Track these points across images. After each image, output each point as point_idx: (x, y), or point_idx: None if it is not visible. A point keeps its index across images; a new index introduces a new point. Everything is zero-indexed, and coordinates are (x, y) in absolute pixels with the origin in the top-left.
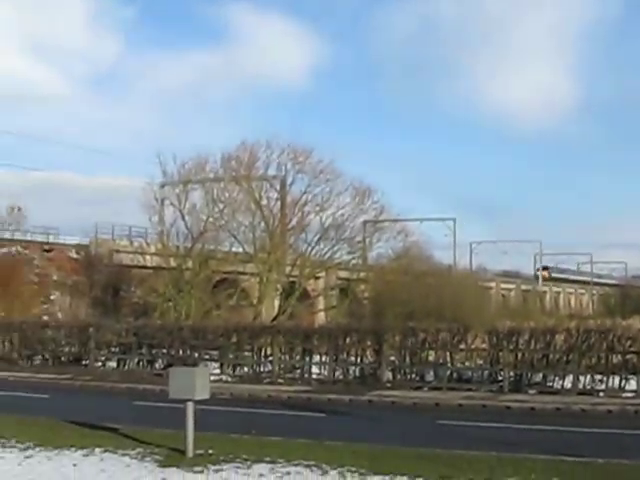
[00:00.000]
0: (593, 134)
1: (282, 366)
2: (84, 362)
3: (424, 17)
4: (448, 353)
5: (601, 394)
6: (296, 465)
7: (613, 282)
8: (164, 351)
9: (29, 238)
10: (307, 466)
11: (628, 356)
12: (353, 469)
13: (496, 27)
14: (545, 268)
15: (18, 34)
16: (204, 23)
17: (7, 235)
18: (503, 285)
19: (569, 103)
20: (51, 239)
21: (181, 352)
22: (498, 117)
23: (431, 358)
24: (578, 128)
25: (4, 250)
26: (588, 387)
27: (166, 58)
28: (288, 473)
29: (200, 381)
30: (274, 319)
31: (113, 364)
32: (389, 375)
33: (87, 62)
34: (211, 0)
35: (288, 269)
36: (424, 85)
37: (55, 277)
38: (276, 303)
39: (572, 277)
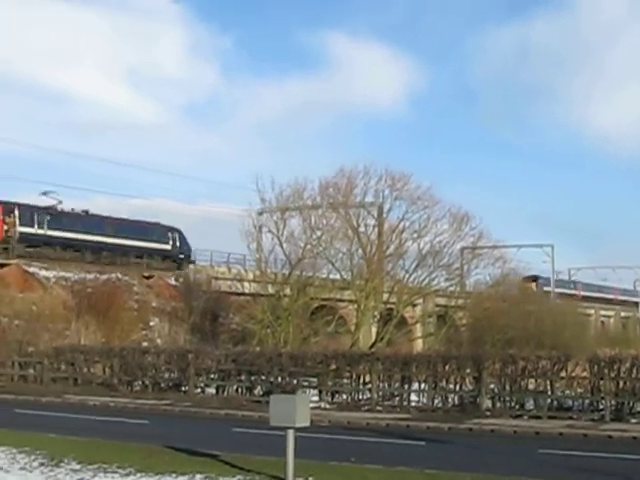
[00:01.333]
0: None
1: (380, 393)
2: (183, 388)
3: (520, 41)
4: (548, 381)
5: None
6: None
7: None
8: (263, 378)
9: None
10: None
11: None
12: None
13: (592, 50)
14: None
15: (117, 63)
16: (300, 50)
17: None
18: (602, 312)
19: None
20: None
21: (280, 379)
22: (596, 141)
23: (531, 386)
24: None
25: (105, 277)
26: None
27: (263, 86)
28: None
29: (301, 408)
30: (372, 346)
31: (212, 390)
32: (488, 403)
33: (184, 91)
34: (307, 27)
35: (385, 296)
36: (522, 110)
37: (154, 303)
38: (373, 330)
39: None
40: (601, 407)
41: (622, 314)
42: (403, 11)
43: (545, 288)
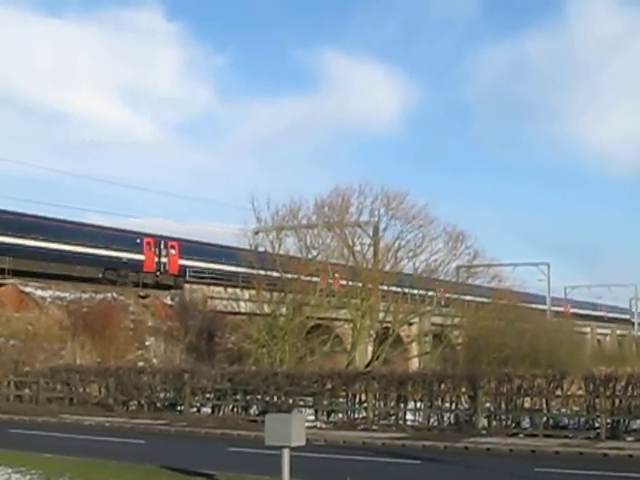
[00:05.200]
0: None
1: (376, 412)
2: (179, 408)
3: (515, 60)
4: (544, 399)
5: None
6: None
7: None
8: (259, 397)
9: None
10: None
11: None
12: None
13: (587, 67)
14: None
15: (113, 82)
16: (296, 69)
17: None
18: (598, 330)
19: None
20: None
21: (276, 398)
22: (592, 159)
23: (527, 404)
24: None
25: (101, 296)
26: None
27: (258, 104)
28: None
29: (296, 427)
30: (368, 365)
31: (208, 410)
32: (484, 422)
33: (179, 110)
34: (303, 46)
35: (381, 315)
36: (517, 128)
37: (150, 323)
38: (369, 349)
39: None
40: (597, 425)
41: (618, 332)
42: (399, 30)
43: (540, 306)
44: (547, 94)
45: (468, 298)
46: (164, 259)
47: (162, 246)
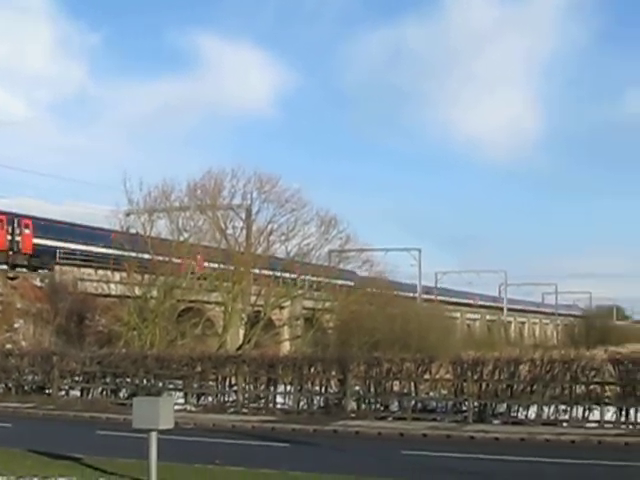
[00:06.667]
0: (558, 164)
1: (246, 396)
2: (47, 391)
3: (391, 46)
4: (413, 383)
5: (565, 424)
6: None
7: (532, 309)
8: (128, 380)
9: None
10: None
11: (592, 386)
12: None
13: (462, 56)
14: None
15: None
16: (171, 51)
17: None
18: (468, 315)
19: (535, 133)
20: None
21: (145, 381)
22: (465, 146)
23: (396, 388)
24: (543, 158)
25: None
26: (552, 417)
27: (132, 86)
28: None
29: (164, 411)
30: (239, 348)
31: (77, 393)
32: (353, 405)
33: (52, 88)
34: (179, 28)
35: (253, 298)
36: (391, 114)
37: (19, 305)
38: (241, 332)
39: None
40: (464, 409)
41: (488, 317)
42: (275, 14)
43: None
44: (422, 81)
45: (340, 282)
46: (18, 238)
47: (15, 224)
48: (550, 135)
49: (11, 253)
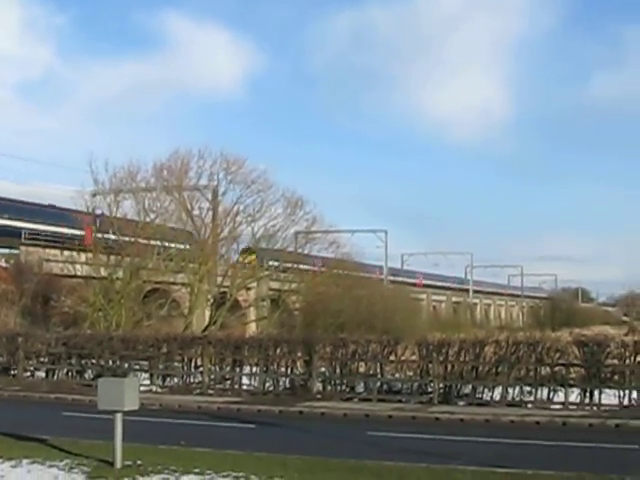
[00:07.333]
0: (526, 147)
1: (212, 377)
2: (12, 372)
3: (359, 29)
4: (378, 365)
5: (530, 405)
6: (225, 477)
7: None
8: (94, 361)
9: None
10: (236, 477)
11: (556, 368)
12: None
13: (431, 39)
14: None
15: None
16: (139, 31)
17: None
18: (434, 297)
19: (504, 116)
20: None
21: (111, 362)
22: (433, 129)
23: (361, 369)
24: (511, 140)
25: None
26: (517, 399)
27: (99, 66)
28: None
29: (129, 392)
30: (205, 330)
31: (42, 374)
32: (319, 386)
33: (19, 69)
34: (146, 8)
35: (219, 279)
36: (360, 96)
37: None
38: (207, 314)
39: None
40: (429, 390)
41: (453, 299)
42: None
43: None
44: (391, 63)
45: (305, 267)
46: None
47: None
48: (519, 118)
49: None
